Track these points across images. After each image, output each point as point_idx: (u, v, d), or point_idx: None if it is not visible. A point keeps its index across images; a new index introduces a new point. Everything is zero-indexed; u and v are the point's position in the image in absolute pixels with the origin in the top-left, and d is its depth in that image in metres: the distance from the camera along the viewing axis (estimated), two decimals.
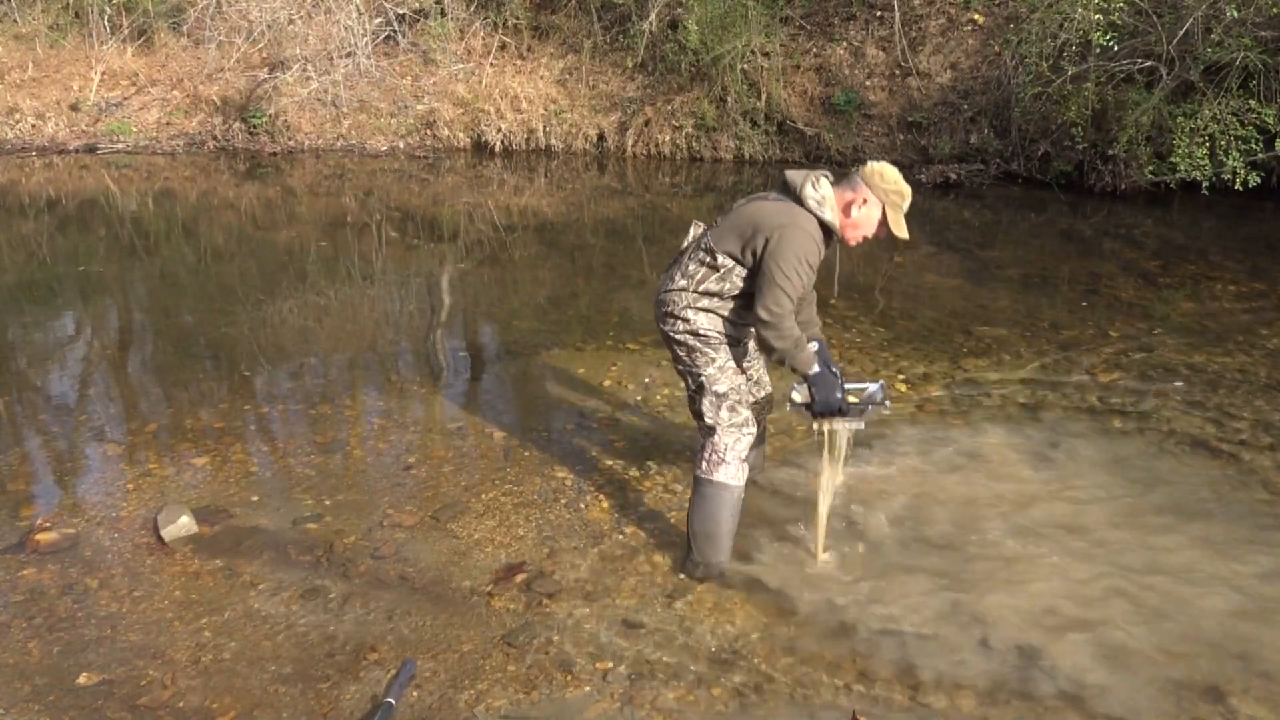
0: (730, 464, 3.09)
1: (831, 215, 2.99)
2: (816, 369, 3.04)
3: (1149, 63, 8.00)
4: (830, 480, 3.33)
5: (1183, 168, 7.64)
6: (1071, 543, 3.32)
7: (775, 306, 2.94)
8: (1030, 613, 2.96)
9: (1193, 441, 4.02)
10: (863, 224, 3.03)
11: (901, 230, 3.02)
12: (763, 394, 3.51)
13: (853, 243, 3.08)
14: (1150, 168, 8.02)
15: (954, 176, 9.14)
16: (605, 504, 3.59)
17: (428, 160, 10.49)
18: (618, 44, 10.73)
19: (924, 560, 3.24)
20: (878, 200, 3.00)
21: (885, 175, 3.00)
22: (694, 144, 10.28)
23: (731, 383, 3.13)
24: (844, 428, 3.22)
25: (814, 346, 3.27)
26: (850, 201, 3.01)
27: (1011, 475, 3.79)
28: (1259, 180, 7.49)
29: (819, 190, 2.99)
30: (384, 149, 10.80)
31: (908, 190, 3.02)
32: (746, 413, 3.14)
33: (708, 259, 3.07)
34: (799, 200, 2.99)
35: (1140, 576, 3.12)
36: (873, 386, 3.27)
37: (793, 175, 3.06)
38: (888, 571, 3.19)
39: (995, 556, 3.25)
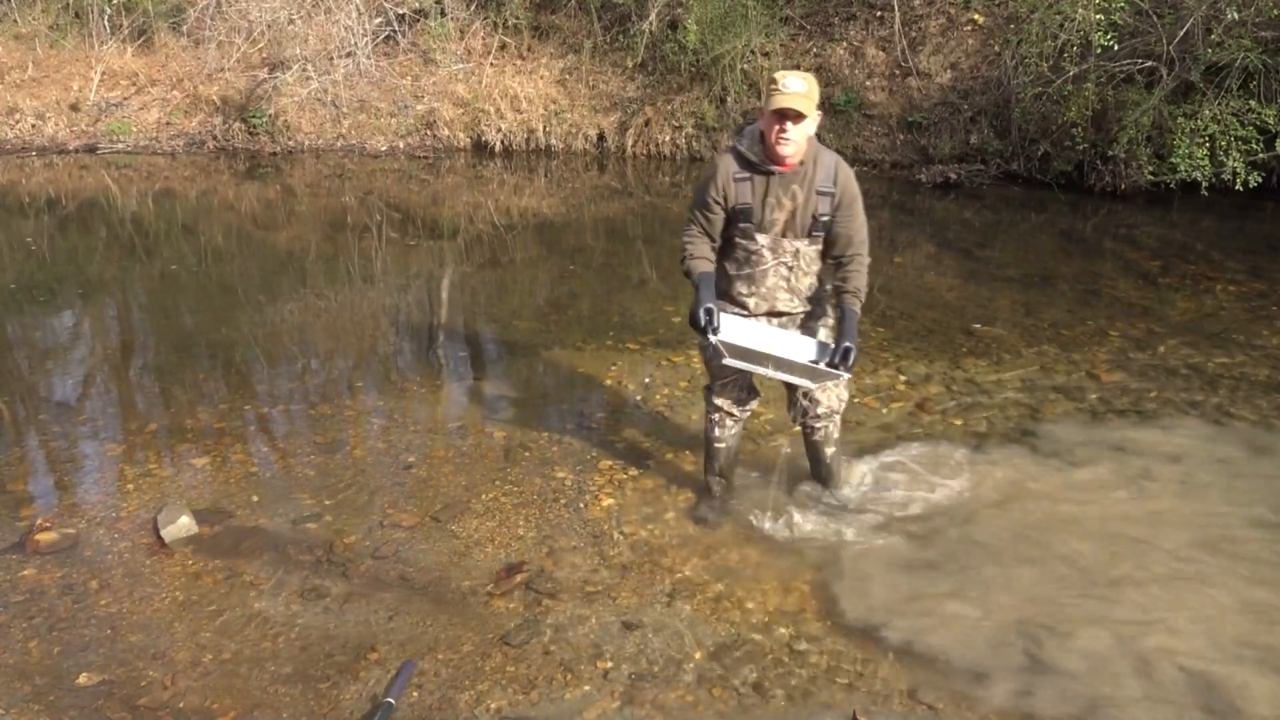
0: (708, 415, 3.49)
1: (746, 143, 3.12)
2: (696, 276, 3.17)
3: (1149, 63, 8.00)
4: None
5: (1183, 168, 7.64)
6: (1239, 558, 3.21)
7: (683, 229, 3.29)
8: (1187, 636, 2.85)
9: None
10: (765, 127, 3.07)
11: (775, 104, 2.95)
12: (819, 409, 3.41)
13: (780, 149, 3.03)
14: (1150, 168, 8.01)
15: (954, 176, 9.14)
16: (605, 504, 3.59)
17: (428, 160, 10.48)
18: (618, 44, 10.72)
19: (992, 569, 3.19)
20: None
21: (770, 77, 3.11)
22: (694, 144, 10.27)
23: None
24: (717, 354, 3.10)
25: (838, 315, 3.26)
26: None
27: (1154, 486, 3.70)
28: (1260, 180, 7.49)
29: (744, 130, 3.18)
30: (384, 149, 10.79)
31: (780, 74, 3.01)
32: (720, 382, 3.40)
33: None
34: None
35: None
36: (811, 355, 3.18)
37: None
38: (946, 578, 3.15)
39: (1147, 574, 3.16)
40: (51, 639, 2.88)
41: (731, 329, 3.16)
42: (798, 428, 3.53)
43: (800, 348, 3.21)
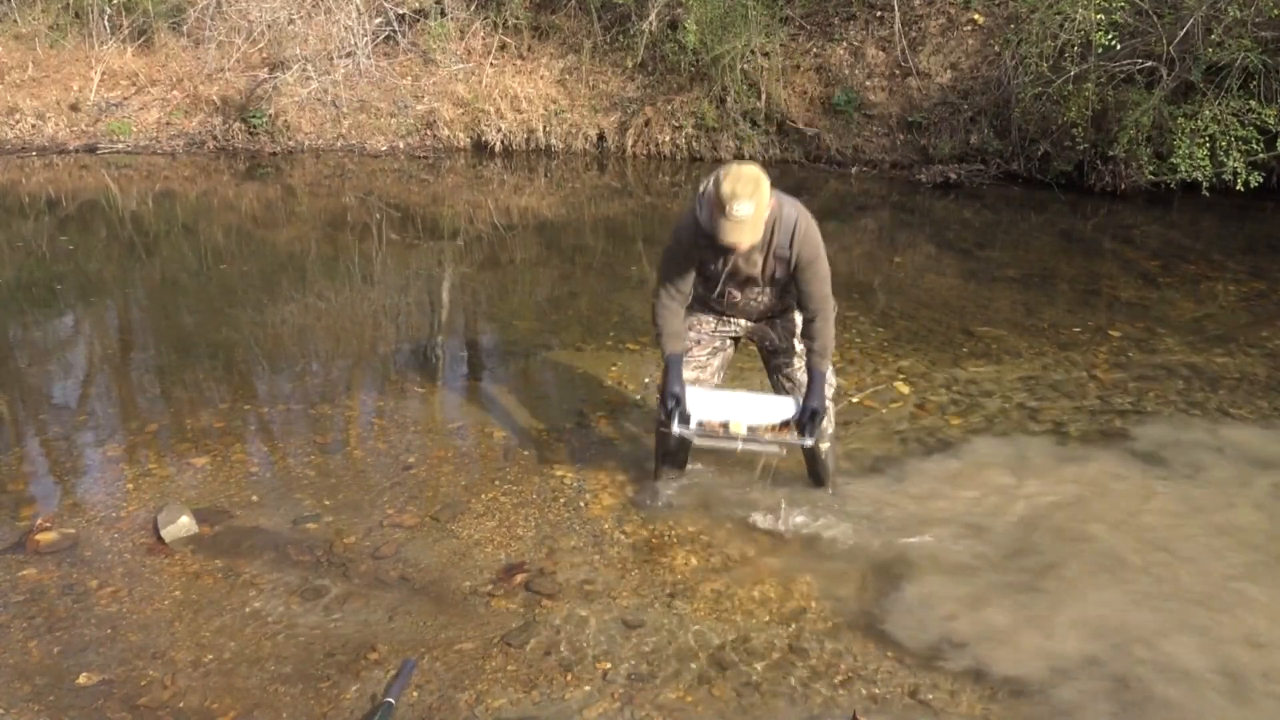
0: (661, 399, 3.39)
1: (705, 216, 2.96)
2: (665, 356, 3.24)
3: (1149, 63, 8.00)
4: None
5: (1183, 168, 7.64)
6: None
7: (654, 292, 3.27)
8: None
9: None
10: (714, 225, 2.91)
11: (721, 235, 2.87)
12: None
13: (726, 243, 2.92)
14: (1150, 168, 8.01)
15: (954, 176, 9.14)
16: (605, 504, 3.59)
17: (428, 160, 10.48)
18: (618, 44, 10.72)
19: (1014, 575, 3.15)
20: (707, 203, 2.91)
21: (716, 177, 2.87)
22: (694, 144, 10.27)
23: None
24: (681, 431, 3.21)
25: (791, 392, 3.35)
26: None
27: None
28: (1260, 180, 7.50)
29: (706, 186, 2.98)
30: (384, 149, 10.79)
31: (726, 193, 2.81)
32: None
33: None
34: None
35: None
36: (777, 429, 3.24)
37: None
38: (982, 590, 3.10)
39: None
40: (51, 639, 2.88)
41: (699, 403, 3.26)
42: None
43: (771, 410, 3.27)
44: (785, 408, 3.26)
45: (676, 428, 3.18)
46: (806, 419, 3.16)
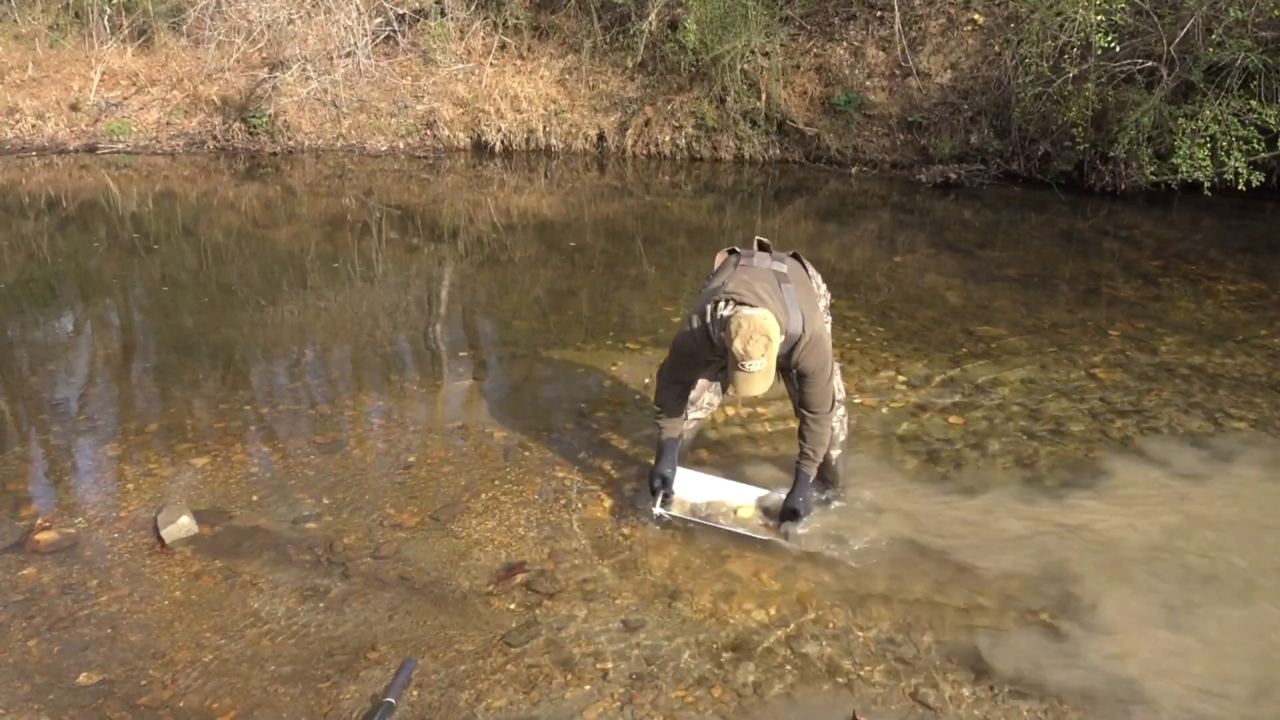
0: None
1: (715, 339, 3.00)
2: (661, 438, 3.36)
3: (1149, 63, 8.00)
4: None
5: (1184, 168, 7.65)
6: None
7: (661, 374, 3.32)
8: None
9: None
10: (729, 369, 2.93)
11: (736, 386, 2.90)
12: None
13: (740, 393, 2.93)
14: (1151, 168, 8.02)
15: (954, 176, 9.14)
16: (605, 504, 3.59)
17: (428, 160, 10.48)
18: (618, 44, 10.72)
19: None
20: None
21: (730, 329, 2.86)
22: (694, 144, 10.27)
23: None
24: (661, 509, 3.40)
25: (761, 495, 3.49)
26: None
27: None
28: (1261, 180, 7.50)
29: (724, 311, 2.96)
30: (384, 149, 10.79)
31: (739, 352, 2.83)
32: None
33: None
34: (711, 296, 3.02)
35: None
36: (749, 509, 3.41)
37: (745, 279, 3.00)
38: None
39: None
40: (51, 638, 2.88)
41: (688, 486, 3.47)
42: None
43: (753, 499, 3.45)
44: (769, 499, 3.44)
45: (660, 508, 3.36)
46: (786, 516, 3.29)
